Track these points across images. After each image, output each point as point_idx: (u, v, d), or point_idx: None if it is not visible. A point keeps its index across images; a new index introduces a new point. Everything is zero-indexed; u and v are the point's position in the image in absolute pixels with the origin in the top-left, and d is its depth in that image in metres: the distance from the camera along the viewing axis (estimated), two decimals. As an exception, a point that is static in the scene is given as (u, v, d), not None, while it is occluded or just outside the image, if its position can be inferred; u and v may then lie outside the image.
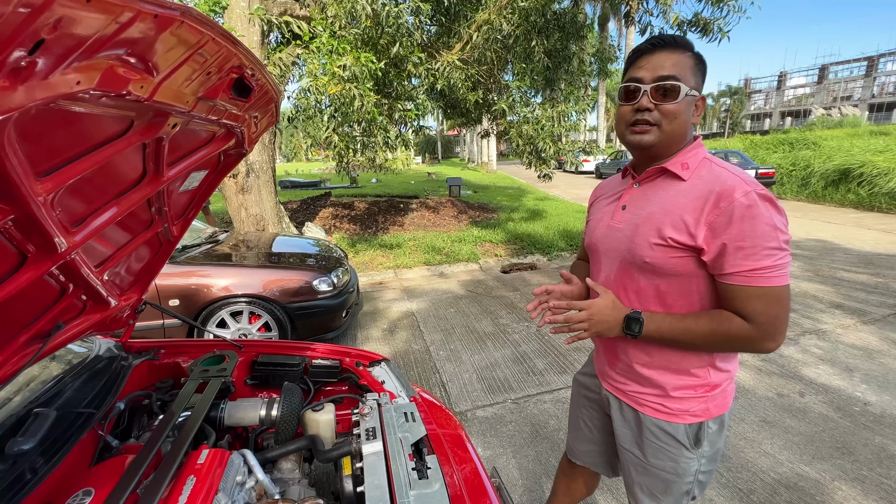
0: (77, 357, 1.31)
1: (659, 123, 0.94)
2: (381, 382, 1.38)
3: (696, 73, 0.94)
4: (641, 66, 0.94)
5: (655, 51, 0.93)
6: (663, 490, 1.09)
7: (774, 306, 0.87)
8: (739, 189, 0.86)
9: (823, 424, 2.45)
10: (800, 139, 13.70)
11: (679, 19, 5.60)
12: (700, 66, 0.95)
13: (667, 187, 0.98)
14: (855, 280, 4.94)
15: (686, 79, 0.91)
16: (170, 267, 3.09)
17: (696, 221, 0.90)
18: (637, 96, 0.94)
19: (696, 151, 0.98)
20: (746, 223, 0.85)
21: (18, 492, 0.83)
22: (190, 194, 1.26)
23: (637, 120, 0.95)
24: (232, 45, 0.71)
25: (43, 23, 0.38)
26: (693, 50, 0.94)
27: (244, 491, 0.90)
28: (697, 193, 0.92)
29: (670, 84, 0.91)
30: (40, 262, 0.78)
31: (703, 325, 0.92)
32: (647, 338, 0.97)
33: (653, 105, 0.93)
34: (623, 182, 1.12)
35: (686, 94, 0.91)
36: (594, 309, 0.98)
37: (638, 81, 0.94)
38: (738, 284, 0.88)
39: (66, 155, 0.67)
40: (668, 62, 0.92)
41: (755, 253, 0.85)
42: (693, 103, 0.95)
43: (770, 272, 0.85)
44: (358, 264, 5.89)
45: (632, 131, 0.98)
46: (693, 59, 0.93)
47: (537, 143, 6.04)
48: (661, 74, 0.91)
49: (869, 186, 9.87)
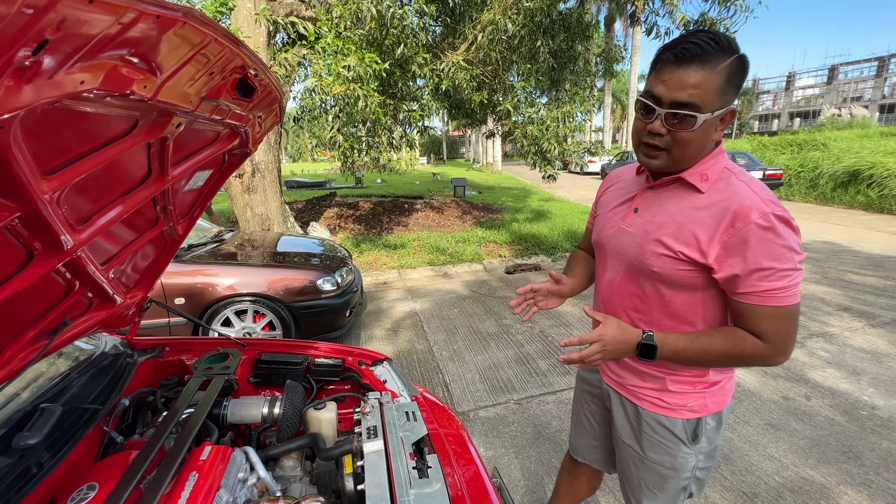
0: (83, 353, 1.33)
1: (669, 149, 0.89)
2: (384, 382, 1.38)
3: (726, 89, 0.84)
4: (663, 81, 0.85)
5: (681, 65, 0.82)
6: (660, 486, 1.10)
7: (786, 324, 0.87)
8: (757, 210, 0.84)
9: (830, 428, 2.42)
10: (808, 140, 13.57)
11: (685, 19, 5.57)
12: (735, 77, 0.84)
13: (682, 197, 0.94)
14: (863, 283, 4.88)
15: (709, 103, 0.82)
16: (175, 265, 3.11)
17: (710, 239, 0.88)
18: (651, 116, 0.87)
19: (716, 160, 0.93)
20: (762, 246, 0.84)
21: (24, 485, 0.85)
22: (195, 193, 1.27)
23: (647, 142, 0.91)
24: (234, 45, 0.72)
25: (47, 23, 0.38)
26: (730, 58, 0.82)
27: (246, 488, 0.91)
28: (714, 210, 0.88)
29: (685, 114, 0.83)
30: (47, 260, 0.79)
31: (718, 345, 0.91)
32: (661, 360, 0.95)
33: (665, 130, 0.87)
34: (637, 181, 1.07)
35: (705, 121, 0.84)
36: (606, 339, 0.93)
37: (654, 100, 0.86)
38: (752, 304, 0.88)
39: (71, 154, 0.68)
40: (691, 82, 0.81)
41: (771, 275, 0.84)
42: (716, 123, 0.87)
43: (784, 292, 0.85)
44: (362, 264, 5.91)
45: (643, 152, 0.94)
46: (725, 73, 0.82)
47: (542, 144, 6.03)
48: (679, 100, 0.83)
49: (879, 188, 9.75)
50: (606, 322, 0.95)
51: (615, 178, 1.18)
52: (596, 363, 0.95)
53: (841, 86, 36.83)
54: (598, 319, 0.96)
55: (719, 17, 5.35)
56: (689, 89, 0.82)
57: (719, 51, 0.81)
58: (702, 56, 0.81)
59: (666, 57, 0.84)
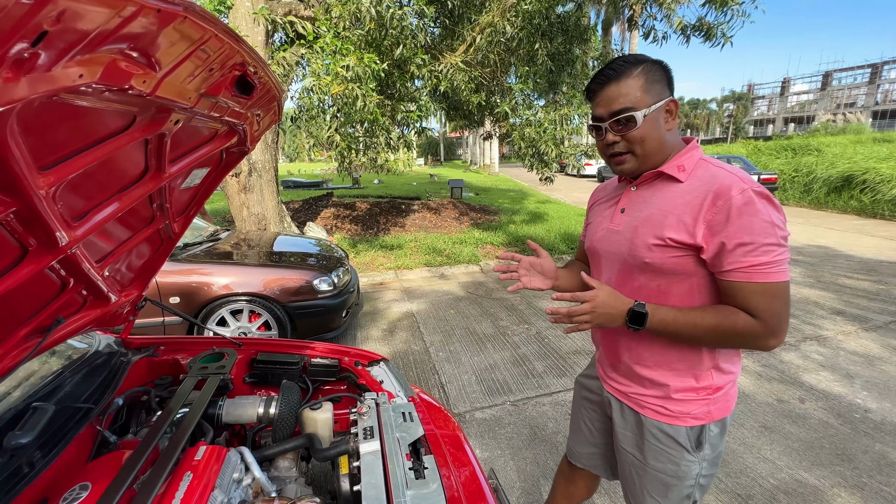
0: (77, 352, 1.31)
1: (632, 150, 0.98)
2: (380, 382, 1.37)
3: (651, 87, 0.94)
4: (597, 104, 0.99)
5: (604, 86, 0.96)
6: (663, 493, 1.09)
7: (777, 302, 0.88)
8: (736, 187, 0.88)
9: (823, 431, 2.43)
10: (803, 145, 13.71)
11: (682, 24, 5.61)
12: (654, 76, 0.95)
13: (664, 189, 0.99)
14: (857, 287, 4.92)
15: (640, 101, 0.93)
16: (171, 264, 3.09)
17: (695, 220, 0.90)
18: (602, 133, 0.99)
19: (691, 154, 0.99)
20: (744, 219, 0.86)
21: (15, 485, 0.83)
22: (192, 191, 1.26)
23: (612, 153, 1.01)
24: (235, 42, 0.71)
25: (46, 15, 0.38)
26: (641, 65, 0.94)
27: (241, 488, 0.90)
28: (695, 193, 0.93)
29: (623, 116, 0.94)
30: (41, 256, 0.78)
31: (709, 318, 0.92)
32: (651, 331, 0.96)
33: (618, 137, 0.97)
34: (620, 186, 1.13)
35: (645, 115, 0.93)
36: (597, 301, 0.96)
37: (598, 120, 0.99)
38: (739, 281, 0.88)
39: (68, 149, 0.67)
40: (617, 93, 0.94)
41: (754, 249, 0.86)
42: (660, 115, 0.96)
43: (769, 268, 0.86)
44: (359, 265, 5.90)
45: (613, 161, 1.03)
46: (643, 76, 0.94)
47: (539, 146, 6.05)
48: (613, 109, 0.95)
49: (872, 193, 9.85)
50: (601, 287, 0.98)
51: (601, 190, 1.25)
52: (583, 324, 0.97)
53: (835, 92, 37.20)
54: (592, 285, 0.99)
55: (716, 22, 5.39)
56: (618, 98, 0.94)
57: (629, 65, 0.95)
58: (615, 75, 0.95)
59: (592, 87, 1.00)
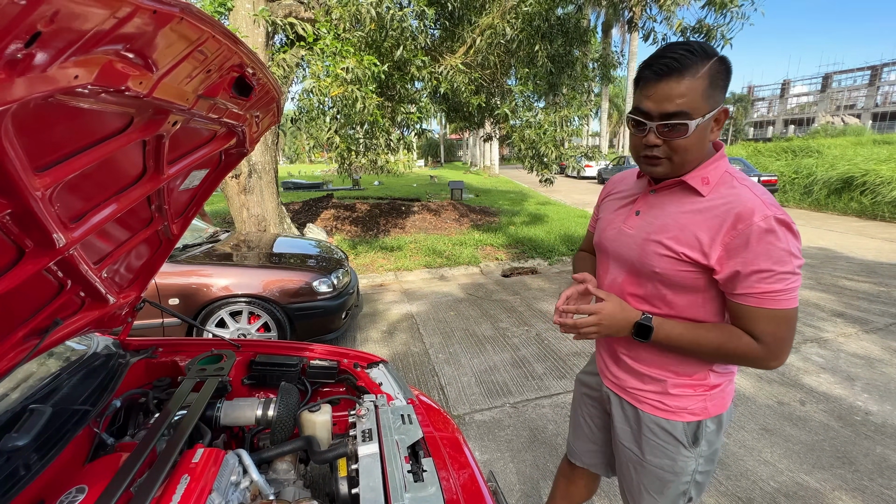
0: (75, 354, 1.31)
1: (669, 157, 0.90)
2: (379, 384, 1.37)
3: (711, 92, 0.85)
4: (647, 96, 0.87)
5: (661, 78, 0.84)
6: (660, 489, 1.09)
7: (783, 328, 0.88)
8: (759, 213, 0.85)
9: (824, 433, 2.43)
10: (803, 147, 13.71)
11: (682, 26, 5.61)
12: (719, 79, 0.86)
13: (684, 200, 0.95)
14: (857, 289, 4.91)
15: (697, 109, 0.84)
16: (170, 266, 3.09)
17: (712, 241, 0.89)
18: (644, 130, 0.89)
19: (717, 164, 0.94)
20: (762, 247, 0.85)
21: (11, 488, 0.83)
22: (190, 193, 1.26)
23: (646, 154, 0.92)
24: (232, 43, 0.71)
25: (40, 15, 0.38)
26: (709, 63, 0.84)
27: (238, 491, 0.89)
28: (716, 213, 0.89)
29: (676, 122, 0.85)
30: (38, 258, 0.78)
31: (713, 339, 0.93)
32: (655, 343, 0.98)
33: (660, 141, 0.89)
34: (638, 184, 1.08)
35: (697, 126, 0.85)
36: (603, 314, 0.97)
37: (644, 115, 0.88)
38: (749, 306, 0.88)
39: (65, 150, 0.67)
40: (675, 93, 0.83)
41: (769, 277, 0.85)
42: (710, 124, 0.89)
43: (780, 295, 0.86)
44: (358, 266, 5.89)
45: (643, 161, 0.95)
46: (707, 77, 0.84)
47: (539, 148, 6.05)
48: (667, 111, 0.85)
49: (872, 195, 9.85)
50: (609, 298, 0.99)
51: (617, 182, 1.20)
52: (590, 335, 0.99)
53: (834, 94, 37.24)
54: (601, 297, 1.00)
55: (716, 24, 5.39)
56: (675, 99, 0.84)
57: (696, 59, 0.83)
58: (680, 68, 0.83)
59: (646, 74, 0.87)
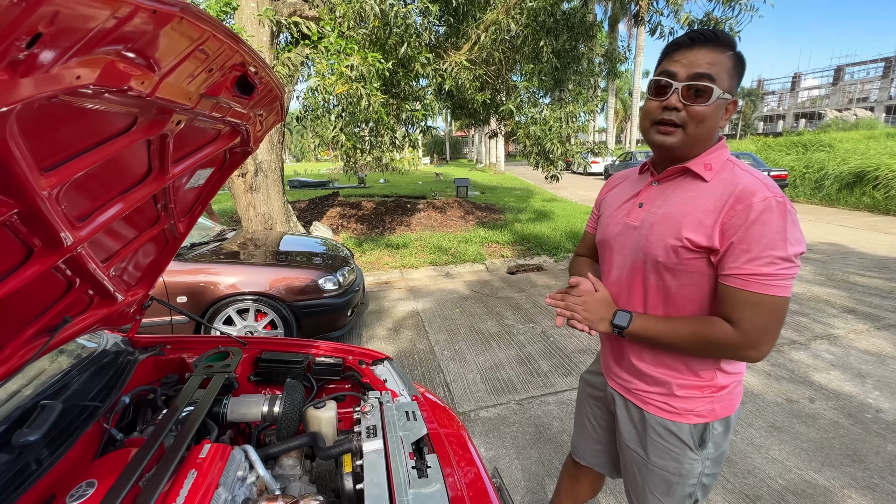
0: (84, 351, 1.33)
1: (685, 125, 0.90)
2: (384, 381, 1.38)
3: (732, 76, 0.89)
4: (677, 61, 0.89)
5: (695, 46, 0.88)
6: (665, 491, 1.08)
7: (764, 315, 0.85)
8: (759, 194, 0.85)
9: (834, 431, 2.40)
10: (814, 141, 13.48)
11: (690, 19, 5.54)
12: (738, 68, 0.90)
13: (687, 187, 0.95)
14: (869, 285, 4.84)
15: (721, 80, 0.87)
16: (178, 264, 3.12)
17: (714, 223, 0.88)
18: (667, 92, 0.90)
19: (719, 153, 0.95)
20: (757, 227, 0.83)
21: (23, 482, 0.85)
22: (196, 191, 1.27)
23: (663, 119, 0.92)
24: (233, 42, 0.71)
25: (40, 16, 0.38)
26: (735, 49, 0.89)
27: (245, 486, 0.90)
28: (718, 195, 0.89)
29: (703, 85, 0.86)
30: (46, 257, 0.79)
31: (687, 326, 0.93)
32: (631, 334, 0.99)
33: (681, 105, 0.89)
34: (641, 179, 1.09)
35: (718, 98, 0.87)
36: (589, 297, 1.04)
37: (671, 76, 0.89)
38: (734, 287, 0.87)
39: (70, 150, 0.68)
40: (706, 60, 0.87)
41: (758, 258, 0.83)
42: (724, 107, 0.91)
43: (769, 280, 0.84)
44: (364, 264, 5.91)
45: (656, 130, 0.94)
46: (733, 59, 0.88)
47: (545, 144, 6.02)
48: (696, 72, 0.87)
49: (885, 190, 9.68)
50: (600, 288, 1.06)
51: (618, 179, 1.19)
52: (576, 313, 1.03)
53: (847, 87, 36.56)
54: (598, 288, 1.06)
55: (724, 17, 5.32)
56: (705, 64, 0.87)
57: (726, 43, 0.89)
58: (713, 40, 0.88)
59: (681, 41, 0.91)
